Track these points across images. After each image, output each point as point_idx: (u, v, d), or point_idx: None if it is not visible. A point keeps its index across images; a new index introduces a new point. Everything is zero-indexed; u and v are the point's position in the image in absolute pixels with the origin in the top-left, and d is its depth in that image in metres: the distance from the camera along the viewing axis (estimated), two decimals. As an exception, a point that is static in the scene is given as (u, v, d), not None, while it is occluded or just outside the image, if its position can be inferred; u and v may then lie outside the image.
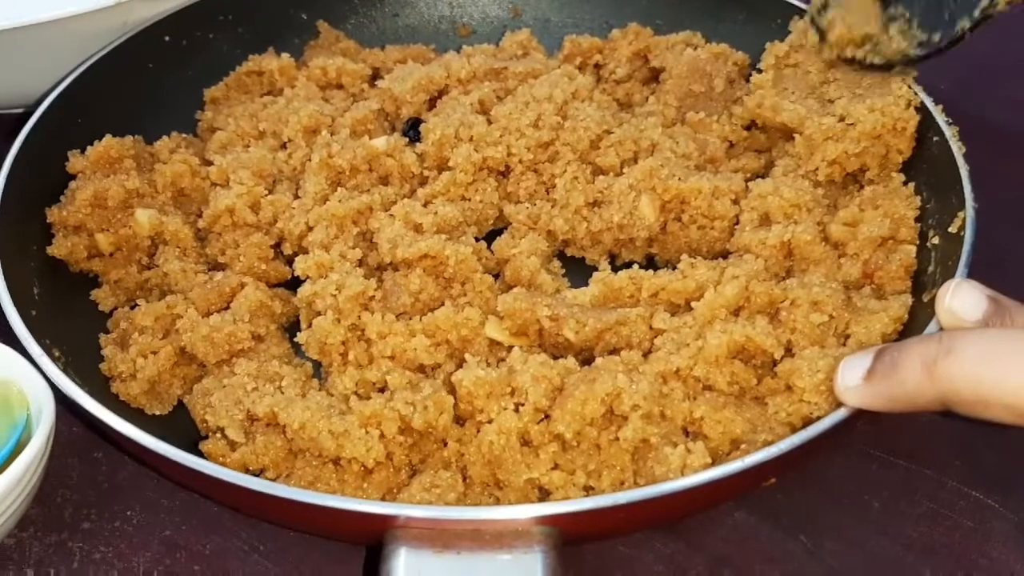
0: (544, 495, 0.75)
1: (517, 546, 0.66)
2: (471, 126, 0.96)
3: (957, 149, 0.89)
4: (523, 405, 0.76)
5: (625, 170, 0.95)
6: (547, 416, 0.76)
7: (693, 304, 0.83)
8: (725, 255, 0.92)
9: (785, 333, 0.81)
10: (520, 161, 0.96)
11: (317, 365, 0.86)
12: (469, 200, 0.96)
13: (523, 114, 0.97)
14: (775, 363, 0.79)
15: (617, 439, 0.74)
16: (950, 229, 0.85)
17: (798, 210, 0.90)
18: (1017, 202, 1.07)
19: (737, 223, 0.93)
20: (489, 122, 0.98)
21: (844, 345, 0.80)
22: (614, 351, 0.82)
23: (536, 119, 0.96)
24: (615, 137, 0.96)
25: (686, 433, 0.76)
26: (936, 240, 0.87)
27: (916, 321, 0.81)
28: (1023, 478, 0.82)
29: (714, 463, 0.72)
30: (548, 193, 0.97)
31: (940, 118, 0.92)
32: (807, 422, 0.74)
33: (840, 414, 0.71)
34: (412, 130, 1.02)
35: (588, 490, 0.74)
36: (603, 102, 1.03)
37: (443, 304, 0.85)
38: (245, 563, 0.78)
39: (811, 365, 0.76)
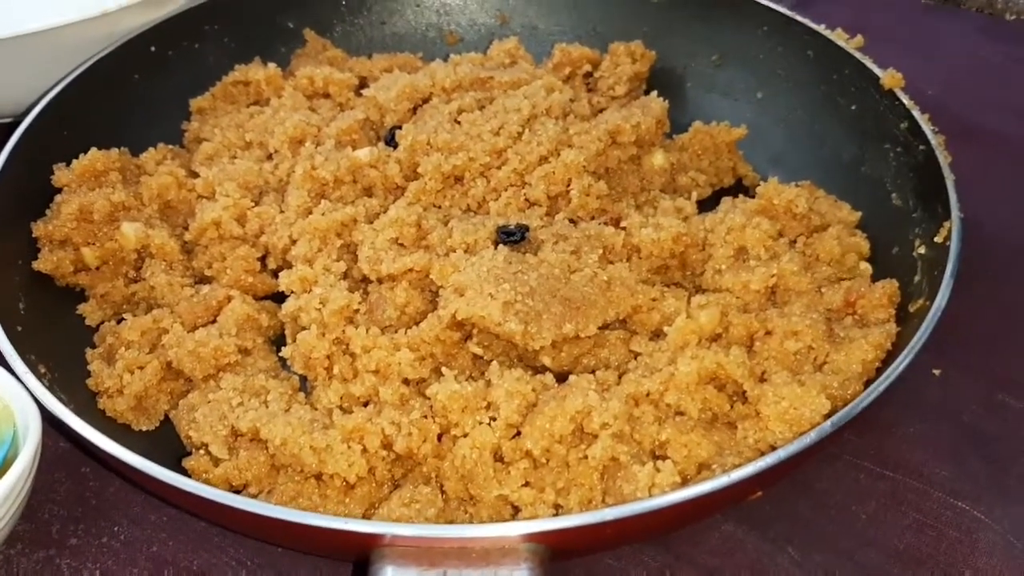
0: (515, 511, 0.75)
1: (504, 563, 0.66)
2: (440, 133, 0.96)
3: (943, 159, 0.89)
4: (496, 420, 0.76)
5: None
6: (520, 432, 0.76)
7: (666, 329, 0.83)
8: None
9: (760, 363, 0.81)
10: (471, 159, 0.94)
11: (304, 378, 0.86)
12: (440, 207, 0.95)
13: (488, 121, 0.96)
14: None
15: (586, 457, 0.74)
16: (936, 239, 0.85)
17: (775, 240, 0.89)
18: (1001, 205, 1.07)
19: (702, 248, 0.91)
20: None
21: (820, 372, 0.80)
22: (593, 372, 0.82)
23: (499, 127, 0.96)
24: (550, 167, 0.94)
25: (654, 456, 0.75)
26: (922, 250, 0.87)
27: (903, 334, 0.81)
28: (1009, 489, 0.83)
29: (683, 484, 0.72)
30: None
31: (926, 127, 0.92)
32: (772, 449, 0.74)
33: (822, 430, 0.71)
34: (394, 138, 1.02)
35: (557, 508, 0.74)
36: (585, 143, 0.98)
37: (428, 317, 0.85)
38: (233, 579, 0.78)
39: (776, 392, 0.76)
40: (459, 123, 0.98)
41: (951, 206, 0.85)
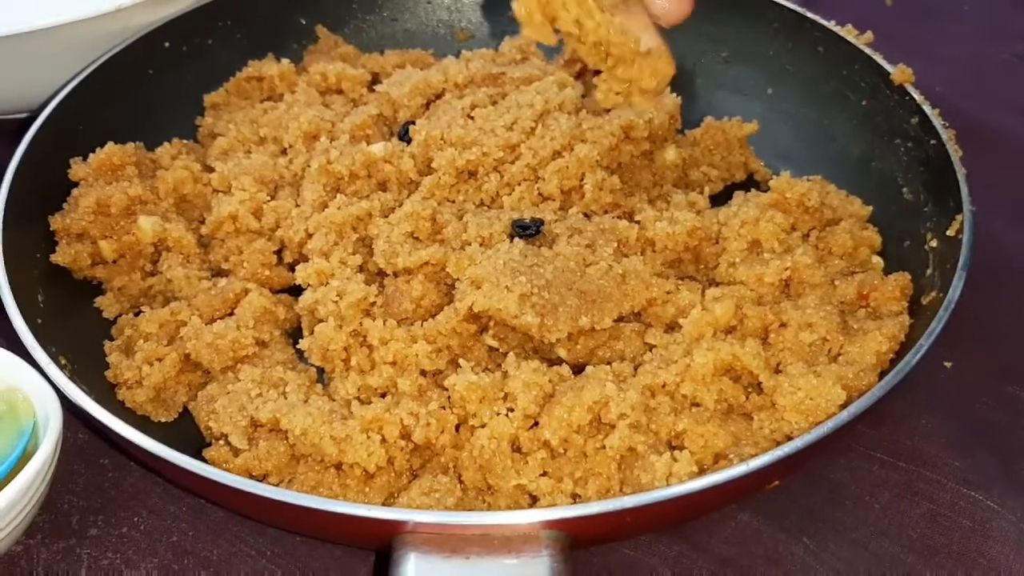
0: (533, 501, 0.76)
1: (525, 551, 0.67)
2: (454, 128, 0.96)
3: (954, 152, 0.90)
4: (513, 410, 0.77)
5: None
6: (537, 423, 0.77)
7: (681, 321, 0.83)
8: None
9: (775, 354, 0.81)
10: (485, 154, 0.94)
11: (321, 370, 0.87)
12: (454, 202, 0.96)
13: (501, 117, 0.97)
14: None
15: (603, 447, 0.75)
16: (948, 232, 0.86)
17: (788, 234, 0.90)
18: (1008, 202, 1.08)
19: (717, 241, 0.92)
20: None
21: (835, 363, 0.80)
22: (609, 364, 0.82)
23: (512, 122, 0.96)
24: (563, 162, 0.94)
25: (671, 447, 0.76)
26: (934, 243, 0.87)
27: (915, 326, 0.82)
28: (1021, 479, 0.83)
29: (700, 473, 0.73)
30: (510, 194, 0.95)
31: (937, 122, 0.93)
32: (788, 439, 0.75)
33: (839, 419, 0.72)
34: (407, 133, 1.02)
35: (575, 497, 0.75)
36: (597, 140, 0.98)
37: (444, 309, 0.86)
38: (253, 568, 0.79)
39: (792, 383, 0.77)
40: (472, 118, 0.98)
41: (962, 200, 0.86)
